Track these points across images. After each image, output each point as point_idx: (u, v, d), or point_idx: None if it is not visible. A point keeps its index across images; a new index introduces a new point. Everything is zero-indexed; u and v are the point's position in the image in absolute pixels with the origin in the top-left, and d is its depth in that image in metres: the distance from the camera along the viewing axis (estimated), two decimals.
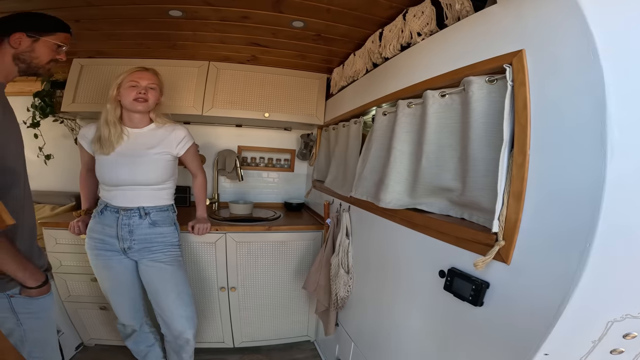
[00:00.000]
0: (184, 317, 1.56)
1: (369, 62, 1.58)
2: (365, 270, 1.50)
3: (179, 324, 1.55)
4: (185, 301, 1.57)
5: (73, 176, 2.33)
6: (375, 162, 1.39)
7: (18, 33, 1.04)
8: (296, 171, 2.72)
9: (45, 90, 2.10)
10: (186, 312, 1.56)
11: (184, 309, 1.56)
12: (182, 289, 1.57)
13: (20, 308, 1.03)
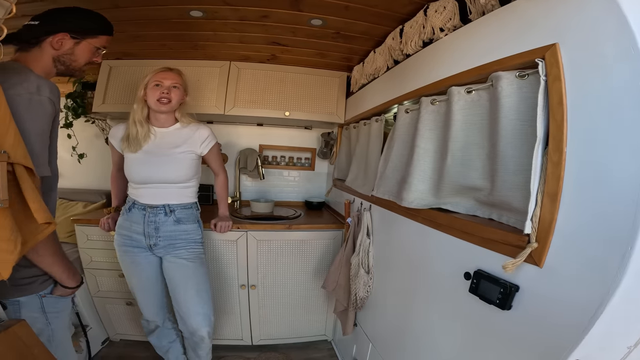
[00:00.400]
0: (200, 314, 1.57)
1: (390, 59, 1.56)
2: (386, 270, 1.47)
3: (194, 321, 1.57)
4: (204, 299, 1.59)
5: (104, 175, 2.44)
6: (397, 160, 1.37)
7: (61, 34, 1.01)
8: (317, 170, 2.72)
9: (77, 91, 2.21)
10: (203, 310, 1.58)
11: (201, 307, 1.58)
12: (202, 286, 1.58)
13: (50, 307, 1.06)
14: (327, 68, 2.22)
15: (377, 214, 1.57)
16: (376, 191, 1.47)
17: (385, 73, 1.63)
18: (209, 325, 1.61)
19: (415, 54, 1.34)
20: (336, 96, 2.25)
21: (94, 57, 1.11)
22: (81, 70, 1.10)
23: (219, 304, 1.99)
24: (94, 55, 1.11)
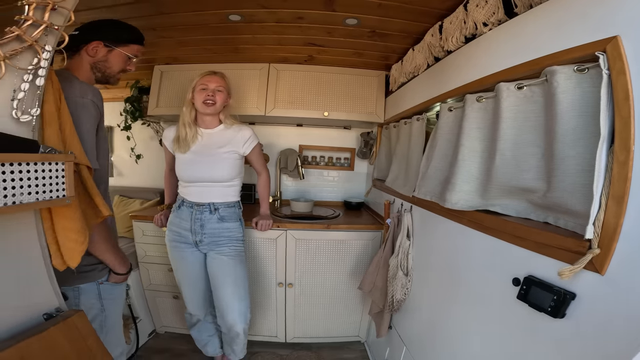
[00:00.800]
0: (236, 311, 1.63)
1: (430, 57, 1.52)
2: (426, 273, 1.43)
3: (231, 317, 1.63)
4: (241, 296, 1.64)
5: (158, 174, 2.62)
6: (440, 160, 1.33)
7: (95, 42, 1.10)
8: (356, 170, 2.71)
9: (133, 96, 2.40)
10: (240, 307, 1.64)
11: (238, 303, 1.63)
12: (240, 283, 1.64)
13: (105, 294, 1.17)
14: (364, 67, 2.21)
15: (418, 215, 1.54)
16: (417, 192, 1.44)
17: (425, 71, 1.59)
18: (244, 322, 1.66)
19: (457, 50, 1.30)
20: (375, 95, 2.23)
21: (127, 66, 1.20)
22: (116, 78, 1.19)
23: (256, 300, 2.05)
24: (126, 64, 1.19)
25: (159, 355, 2.00)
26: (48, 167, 0.80)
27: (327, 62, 2.17)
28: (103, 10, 1.44)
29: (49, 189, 0.81)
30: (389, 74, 2.15)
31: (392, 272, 1.58)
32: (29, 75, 0.78)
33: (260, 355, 2.04)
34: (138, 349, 1.98)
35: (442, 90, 1.35)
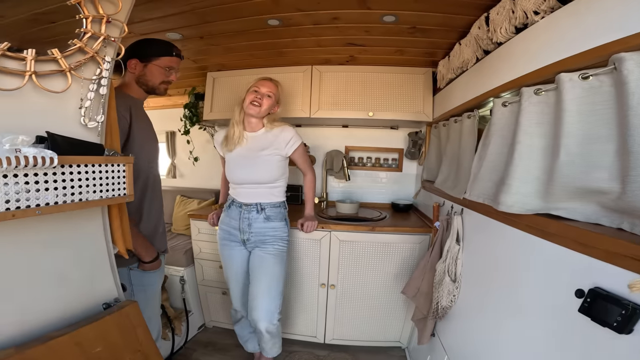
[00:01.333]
0: (264, 309, 1.62)
1: (479, 50, 1.42)
2: (476, 280, 1.34)
3: (256, 313, 1.62)
4: (272, 295, 1.63)
5: (214, 175, 2.82)
6: (494, 159, 1.22)
7: (133, 60, 1.26)
8: (404, 171, 2.62)
9: (190, 102, 2.58)
10: (268, 305, 1.62)
11: (267, 302, 1.62)
12: (273, 282, 1.64)
13: (135, 280, 1.30)
14: (408, 65, 2.14)
15: (470, 219, 1.43)
16: (469, 194, 1.35)
17: (474, 65, 1.50)
18: (269, 321, 1.62)
19: (507, 42, 1.21)
20: (422, 93, 2.14)
21: (167, 77, 1.32)
22: (160, 89, 1.32)
23: (298, 300, 2.07)
24: (165, 75, 1.31)
25: (205, 348, 2.11)
26: (111, 168, 0.89)
27: (369, 62, 2.14)
28: (155, 21, 1.58)
29: (111, 187, 0.90)
30: (435, 70, 2.05)
31: (438, 277, 1.50)
32: (93, 85, 0.88)
33: (298, 355, 2.05)
34: (187, 341, 2.12)
35: (494, 85, 1.25)
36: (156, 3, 1.39)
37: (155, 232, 1.37)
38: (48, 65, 0.79)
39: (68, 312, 0.86)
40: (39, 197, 0.72)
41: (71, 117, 0.88)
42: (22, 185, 0.69)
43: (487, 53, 1.38)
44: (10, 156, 0.64)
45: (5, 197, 0.66)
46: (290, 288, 2.06)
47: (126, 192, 0.94)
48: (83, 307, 0.90)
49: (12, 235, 0.76)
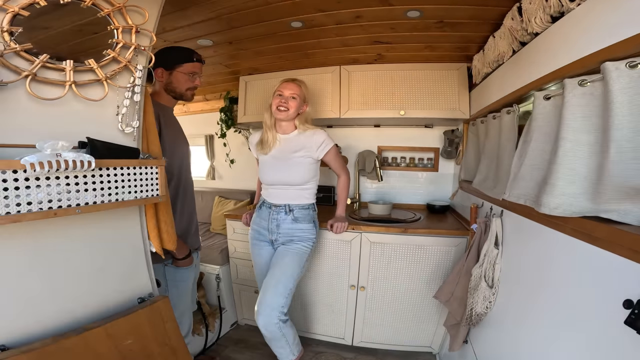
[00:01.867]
0: (265, 302, 1.54)
1: (515, 42, 1.34)
2: (514, 286, 1.25)
3: (257, 306, 1.55)
4: (279, 291, 1.55)
5: (248, 177, 2.91)
6: (536, 157, 1.13)
7: (159, 69, 1.32)
8: (441, 171, 2.52)
9: (226, 106, 2.68)
10: (271, 301, 1.53)
11: (272, 297, 1.54)
12: (284, 279, 1.57)
13: (169, 276, 1.36)
14: (440, 61, 2.05)
15: (510, 221, 1.34)
16: (508, 194, 1.26)
17: (511, 58, 1.41)
18: (267, 316, 1.53)
19: (544, 32, 1.13)
20: (457, 90, 2.04)
21: (192, 82, 1.37)
22: (187, 94, 1.38)
23: (327, 301, 2.06)
24: (190, 81, 1.36)
25: (235, 345, 2.16)
26: (144, 170, 0.95)
27: (397, 60, 2.08)
28: (185, 29, 1.65)
29: (145, 188, 0.95)
30: (470, 65, 1.95)
31: (474, 282, 1.41)
32: (128, 92, 0.94)
33: (324, 356, 2.04)
34: (219, 337, 2.18)
35: (533, 77, 1.17)
36: (183, 12, 1.46)
37: (188, 231, 1.43)
38: (86, 75, 0.85)
39: (105, 305, 0.92)
40: (78, 197, 0.79)
41: (110, 123, 0.95)
42: (64, 186, 0.75)
43: (523, 44, 1.30)
44: (52, 160, 0.70)
45: (48, 197, 0.73)
46: (319, 289, 2.06)
47: (159, 193, 0.99)
48: (119, 301, 0.96)
49: (55, 231, 0.84)
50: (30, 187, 0.70)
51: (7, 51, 0.70)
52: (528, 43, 1.26)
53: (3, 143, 0.73)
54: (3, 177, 0.66)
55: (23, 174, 0.68)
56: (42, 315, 0.80)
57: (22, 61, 0.75)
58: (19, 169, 0.67)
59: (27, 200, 0.69)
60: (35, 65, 0.75)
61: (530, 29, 1.17)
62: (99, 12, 0.84)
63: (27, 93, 0.76)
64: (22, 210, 0.69)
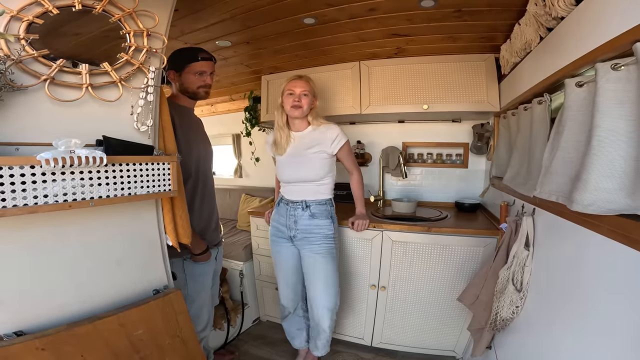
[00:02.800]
0: (325, 307, 1.66)
1: (541, 28, 1.26)
2: (545, 291, 1.15)
3: (318, 312, 1.67)
4: (331, 293, 1.66)
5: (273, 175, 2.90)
6: (569, 150, 1.03)
7: (171, 71, 1.37)
8: (471, 167, 2.39)
9: (250, 105, 2.73)
10: (328, 303, 1.66)
11: (327, 300, 1.66)
12: (330, 281, 1.66)
13: (188, 270, 1.39)
14: (464, 52, 1.95)
15: (542, 221, 1.24)
16: (539, 190, 1.15)
17: (539, 45, 1.32)
18: (330, 318, 1.69)
19: (569, 15, 1.05)
20: (485, 81, 1.93)
21: (202, 81, 1.39)
22: (200, 93, 1.40)
23: (346, 301, 2.03)
24: (200, 79, 1.38)
25: (255, 341, 2.19)
26: (157, 166, 0.98)
27: (419, 52, 2.01)
28: (202, 30, 1.69)
29: (157, 183, 0.98)
30: (498, 56, 1.83)
31: (500, 285, 1.32)
32: (142, 93, 0.97)
33: (342, 355, 2.02)
34: (240, 332, 2.23)
35: (563, 64, 1.08)
36: (198, 14, 1.49)
37: (206, 227, 1.47)
38: (101, 77, 0.90)
39: (121, 295, 0.97)
40: (92, 191, 0.83)
41: (126, 122, 0.99)
42: (78, 180, 0.80)
43: (550, 30, 1.22)
44: (65, 156, 0.75)
45: (63, 191, 0.77)
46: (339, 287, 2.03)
47: (171, 188, 1.02)
48: (135, 292, 1.00)
49: (76, 224, 0.89)
50: (47, 182, 0.74)
51: (25, 57, 0.75)
52: (554, 28, 1.18)
53: (25, 142, 0.79)
54: (21, 172, 0.71)
55: (39, 169, 0.73)
56: (61, 304, 0.85)
57: (41, 66, 0.80)
58: (35, 164, 0.72)
59: (43, 193, 0.74)
60: (52, 69, 0.80)
61: (555, 13, 1.10)
62: (110, 18, 0.88)
63: (47, 96, 0.81)
64: (39, 203, 0.73)
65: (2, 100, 0.72)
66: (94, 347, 0.79)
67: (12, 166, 0.69)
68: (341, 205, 1.95)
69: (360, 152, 2.53)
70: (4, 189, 0.68)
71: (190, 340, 0.99)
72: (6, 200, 0.69)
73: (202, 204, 1.45)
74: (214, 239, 1.54)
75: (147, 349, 0.88)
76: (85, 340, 0.77)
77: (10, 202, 0.69)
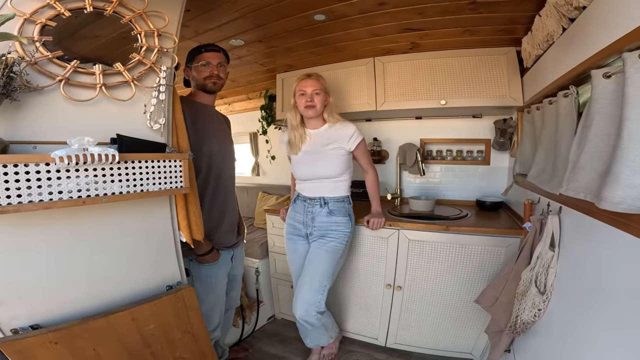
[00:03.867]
0: (302, 299, 1.61)
1: (563, 19, 1.20)
2: (569, 293, 1.09)
3: (294, 302, 1.63)
4: (314, 287, 1.60)
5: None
6: (598, 144, 0.97)
7: (186, 69, 1.45)
8: (493, 164, 2.30)
9: (265, 104, 2.74)
10: (308, 297, 1.60)
11: (308, 294, 1.60)
12: (318, 276, 1.61)
13: (194, 270, 1.39)
14: (483, 46, 1.88)
15: (569, 220, 1.17)
16: (566, 187, 1.09)
17: (561, 36, 1.26)
18: (304, 311, 1.61)
19: (592, 3, 1.01)
20: (506, 75, 1.85)
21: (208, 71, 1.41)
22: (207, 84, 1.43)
23: (361, 300, 2.00)
24: (206, 70, 1.41)
25: (269, 338, 2.20)
26: (168, 163, 0.99)
27: (434, 47, 1.95)
28: (215, 30, 1.71)
29: (169, 180, 1.00)
30: (519, 49, 1.76)
31: (522, 287, 1.25)
32: (155, 92, 0.99)
33: (355, 355, 1.98)
34: (255, 330, 2.24)
35: (588, 54, 1.02)
36: (210, 13, 1.51)
37: (216, 228, 1.46)
38: (115, 77, 0.92)
39: (135, 290, 0.99)
40: (105, 187, 0.85)
41: (139, 120, 1.01)
42: (92, 177, 0.82)
43: (572, 20, 1.16)
44: (79, 154, 0.77)
45: (77, 187, 0.80)
46: (353, 286, 2.01)
47: (183, 185, 1.03)
48: (149, 287, 1.02)
49: (91, 220, 0.91)
50: (61, 178, 0.77)
51: (40, 58, 0.78)
52: (576, 19, 1.12)
53: (43, 140, 0.82)
54: (36, 169, 0.73)
55: (54, 166, 0.75)
56: (75, 298, 0.88)
57: (56, 67, 0.83)
58: (50, 162, 0.74)
59: (58, 190, 0.76)
60: (67, 70, 0.83)
61: (576, 2, 1.05)
62: (122, 19, 0.90)
63: (62, 96, 0.84)
64: (54, 199, 0.76)
65: (18, 101, 0.75)
66: (106, 341, 0.81)
67: (27, 163, 0.72)
68: (357, 203, 1.92)
69: (377, 149, 2.49)
70: (20, 185, 0.71)
71: (202, 337, 1.00)
72: (22, 197, 0.71)
73: (213, 203, 1.44)
74: (227, 240, 1.52)
75: (157, 343, 0.89)
76: (98, 334, 0.80)
77: (26, 197, 0.72)
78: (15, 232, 0.80)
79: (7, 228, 0.79)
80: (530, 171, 1.53)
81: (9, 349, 0.72)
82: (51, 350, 0.75)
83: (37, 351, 0.73)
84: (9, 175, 0.69)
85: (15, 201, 0.71)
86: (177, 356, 0.98)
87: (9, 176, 0.69)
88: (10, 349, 0.72)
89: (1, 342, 0.73)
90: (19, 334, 0.76)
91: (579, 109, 1.20)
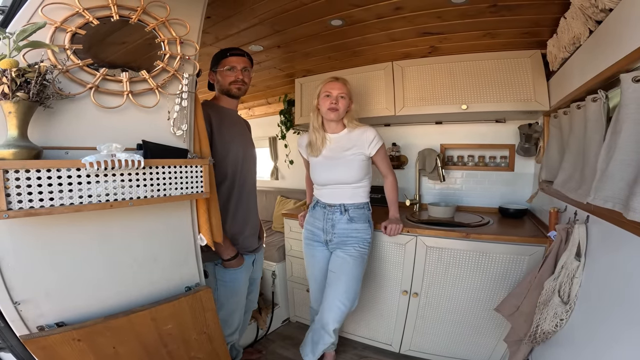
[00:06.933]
0: (340, 309, 1.59)
1: (589, 21, 1.17)
2: (594, 305, 1.04)
3: (331, 313, 1.59)
4: (350, 297, 1.61)
5: None
6: (628, 151, 0.93)
7: (211, 73, 1.47)
8: (517, 170, 2.23)
9: (285, 108, 2.78)
10: (344, 306, 1.60)
11: (344, 303, 1.59)
12: (352, 285, 1.61)
13: (219, 275, 1.41)
14: (506, 49, 1.84)
15: (597, 229, 1.13)
16: (594, 196, 1.05)
17: (588, 38, 1.22)
18: (339, 322, 1.62)
19: (618, 5, 0.98)
20: (531, 79, 1.80)
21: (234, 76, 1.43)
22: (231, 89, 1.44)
23: (377, 305, 1.98)
24: (231, 75, 1.43)
25: (283, 341, 2.20)
26: (190, 169, 1.03)
27: (454, 50, 1.92)
28: (235, 36, 1.75)
29: (191, 185, 1.03)
30: (545, 52, 1.70)
31: (545, 296, 1.21)
32: (178, 99, 1.03)
33: None
34: (269, 332, 2.25)
35: (616, 58, 0.98)
36: (229, 20, 1.55)
37: (241, 232, 1.48)
38: (140, 84, 0.96)
39: (156, 291, 1.03)
40: (131, 191, 0.89)
41: (163, 127, 1.06)
42: (119, 182, 0.86)
43: (599, 23, 1.13)
44: (107, 160, 0.81)
45: (106, 191, 0.84)
46: (368, 291, 1.99)
47: (203, 190, 1.06)
48: (169, 288, 1.06)
49: (117, 223, 0.96)
50: (91, 183, 0.81)
51: (71, 66, 0.83)
52: (603, 21, 1.08)
53: (74, 146, 0.87)
54: (68, 174, 0.78)
55: (84, 171, 0.80)
56: (101, 297, 0.93)
57: (86, 75, 0.88)
58: (81, 167, 0.79)
59: (87, 194, 0.81)
60: (97, 77, 0.87)
61: (602, 5, 1.02)
62: (146, 27, 0.94)
63: (92, 103, 0.89)
64: (84, 202, 0.80)
65: (51, 108, 0.80)
66: (126, 339, 0.84)
67: (60, 168, 0.76)
68: (375, 208, 1.91)
69: (396, 154, 2.47)
70: (53, 189, 0.76)
71: (217, 337, 1.02)
72: (54, 200, 0.76)
73: (237, 208, 1.46)
74: (249, 244, 1.55)
75: (174, 343, 0.92)
76: (118, 332, 0.83)
77: (57, 201, 0.76)
78: (46, 233, 0.85)
79: (38, 229, 0.84)
80: (557, 178, 1.48)
81: (33, 345, 0.76)
82: (74, 348, 0.78)
83: (61, 348, 0.77)
84: (42, 179, 0.74)
85: (48, 204, 0.75)
86: (192, 356, 1.00)
87: (42, 180, 0.74)
88: (35, 346, 0.76)
89: (26, 339, 0.77)
90: (44, 331, 0.80)
91: (608, 113, 1.15)
